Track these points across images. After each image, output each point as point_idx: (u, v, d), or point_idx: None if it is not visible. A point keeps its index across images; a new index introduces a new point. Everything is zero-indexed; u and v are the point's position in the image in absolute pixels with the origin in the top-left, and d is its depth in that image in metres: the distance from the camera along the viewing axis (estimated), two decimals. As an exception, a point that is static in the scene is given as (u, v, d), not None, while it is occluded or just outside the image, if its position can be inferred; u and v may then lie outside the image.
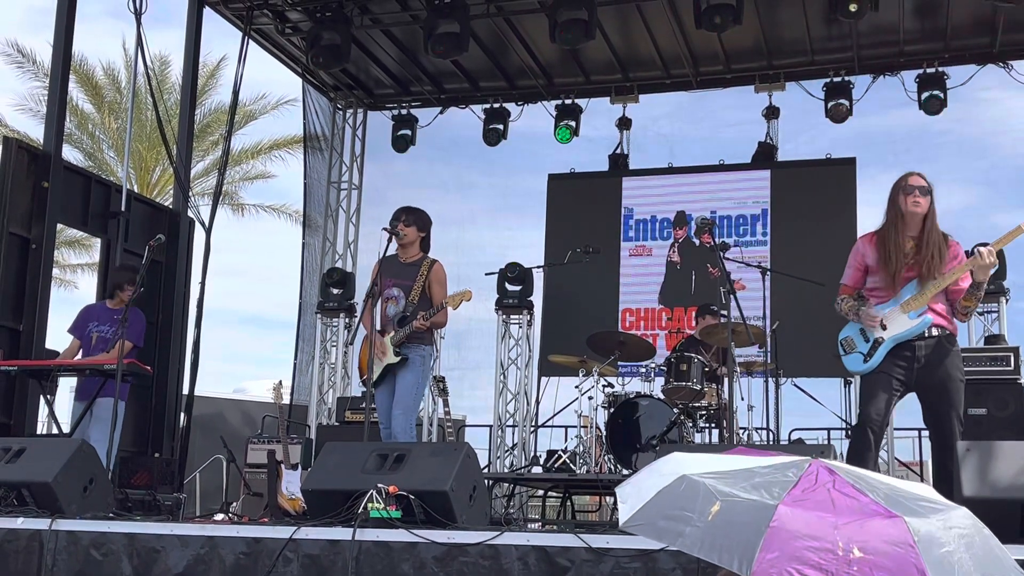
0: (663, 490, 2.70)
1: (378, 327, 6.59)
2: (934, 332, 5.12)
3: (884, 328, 5.15)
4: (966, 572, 2.52)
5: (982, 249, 4.98)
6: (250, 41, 10.20)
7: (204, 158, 20.35)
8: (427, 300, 6.61)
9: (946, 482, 4.83)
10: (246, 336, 40.13)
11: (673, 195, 11.45)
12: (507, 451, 10.37)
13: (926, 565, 2.44)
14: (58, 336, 8.23)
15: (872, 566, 2.43)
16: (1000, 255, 8.67)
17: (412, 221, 6.71)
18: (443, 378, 9.48)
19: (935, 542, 2.53)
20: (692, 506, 2.62)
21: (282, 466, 7.84)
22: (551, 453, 8.84)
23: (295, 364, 11.74)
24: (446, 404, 9.32)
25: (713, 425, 8.45)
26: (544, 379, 10.77)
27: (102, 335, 7.42)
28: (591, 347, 9.02)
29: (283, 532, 4.78)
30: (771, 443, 7.90)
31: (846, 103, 10.58)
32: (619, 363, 9.00)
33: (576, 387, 8.95)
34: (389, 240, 6.53)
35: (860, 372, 5.27)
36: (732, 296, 6.27)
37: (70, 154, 18.59)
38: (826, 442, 9.48)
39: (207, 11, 10.10)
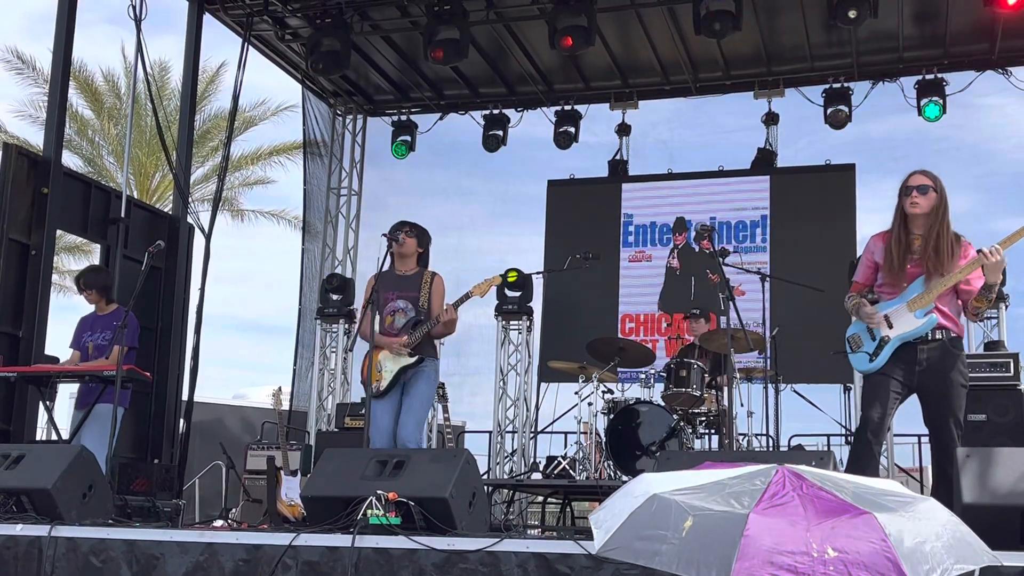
0: (635, 511, 2.72)
1: (378, 338, 6.52)
2: (938, 335, 5.09)
3: (891, 327, 5.13)
4: (939, 560, 2.55)
5: (986, 248, 4.96)
6: (250, 47, 10.20)
7: (204, 164, 20.38)
8: (429, 311, 6.55)
9: (944, 485, 4.84)
10: (246, 342, 40.14)
11: (672, 201, 11.46)
12: (507, 457, 10.37)
13: (899, 557, 2.47)
14: (58, 342, 8.24)
15: (847, 563, 2.47)
16: (1000, 261, 8.73)
17: (414, 233, 6.68)
18: (443, 384, 9.46)
19: (907, 533, 2.56)
20: (665, 524, 2.64)
21: (281, 472, 7.83)
22: (551, 459, 8.85)
23: (295, 370, 11.73)
24: (446, 410, 9.31)
25: (713, 431, 8.45)
26: (544, 385, 10.78)
27: (96, 343, 7.42)
28: (591, 353, 9.01)
29: (282, 539, 4.77)
30: (771, 449, 7.90)
31: (845, 109, 10.60)
32: (619, 369, 8.99)
33: (576, 393, 8.96)
34: (389, 246, 6.49)
35: (864, 371, 5.25)
36: (731, 302, 6.27)
37: (70, 160, 18.63)
38: (826, 448, 9.47)
39: (207, 17, 10.11)
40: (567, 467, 8.44)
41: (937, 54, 10.38)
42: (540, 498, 10.06)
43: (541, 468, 8.90)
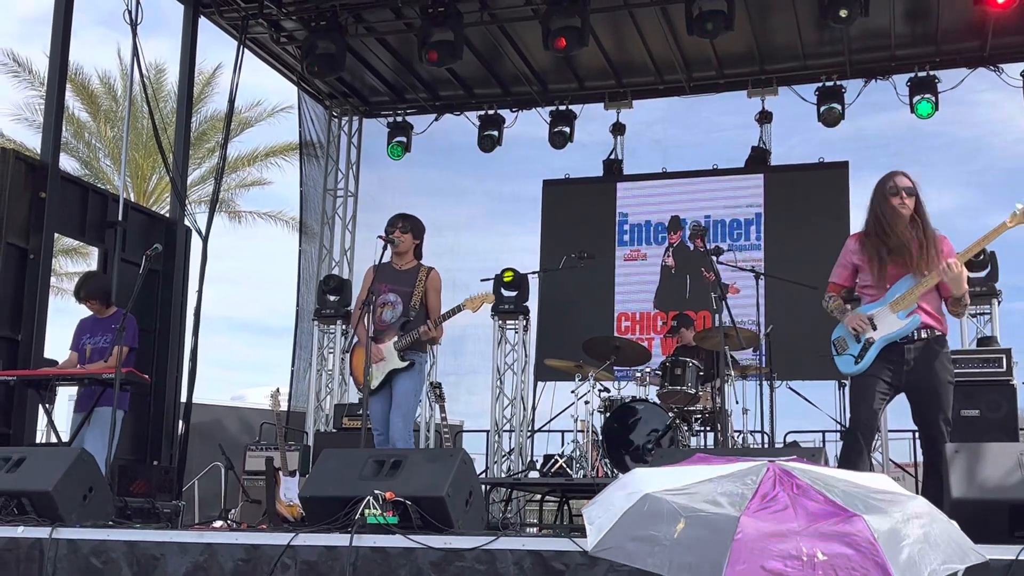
0: (628, 511, 2.74)
1: (372, 333, 6.59)
2: (923, 334, 5.11)
3: (875, 328, 5.15)
4: (928, 561, 2.59)
5: (946, 262, 4.97)
6: (245, 50, 10.23)
7: (200, 166, 20.38)
8: (425, 308, 6.62)
9: (935, 481, 4.88)
10: (243, 344, 40.14)
11: (667, 200, 11.51)
12: (504, 456, 10.41)
13: (888, 561, 2.50)
14: (57, 346, 8.26)
15: (836, 567, 2.50)
16: (992, 257, 8.77)
17: (408, 228, 6.73)
18: (439, 383, 9.47)
19: (896, 536, 2.59)
20: (658, 526, 2.66)
21: (280, 473, 7.87)
22: (548, 458, 8.88)
23: (292, 371, 11.77)
24: (443, 409, 9.32)
25: (708, 429, 8.50)
26: (540, 384, 10.82)
27: (95, 346, 7.45)
28: (587, 352, 9.05)
29: (281, 539, 4.82)
30: (766, 446, 7.95)
31: (838, 107, 10.65)
32: (615, 367, 9.04)
33: (572, 392, 9.00)
34: (385, 247, 6.56)
35: (851, 373, 5.28)
36: (724, 301, 6.31)
37: (66, 163, 18.60)
38: (820, 444, 9.52)
39: (202, 20, 10.14)
40: (564, 465, 8.48)
41: (929, 52, 10.44)
42: (538, 496, 10.10)
43: (538, 467, 8.94)
